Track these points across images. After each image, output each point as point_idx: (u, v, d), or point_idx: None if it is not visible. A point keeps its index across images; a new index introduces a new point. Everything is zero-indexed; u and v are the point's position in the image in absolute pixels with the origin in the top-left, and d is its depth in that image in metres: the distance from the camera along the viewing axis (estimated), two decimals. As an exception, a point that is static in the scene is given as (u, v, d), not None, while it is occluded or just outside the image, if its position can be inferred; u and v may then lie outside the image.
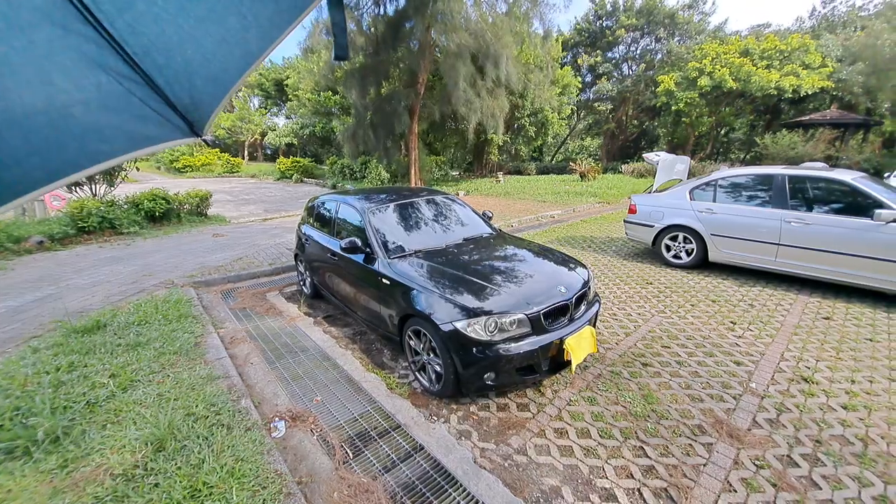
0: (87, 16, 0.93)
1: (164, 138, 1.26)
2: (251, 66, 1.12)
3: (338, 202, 4.65)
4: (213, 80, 1.17)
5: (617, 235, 8.59)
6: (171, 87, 1.14)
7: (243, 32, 1.05)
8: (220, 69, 1.14)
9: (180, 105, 1.19)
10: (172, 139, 1.27)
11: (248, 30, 1.05)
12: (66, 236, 8.08)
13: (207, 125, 1.29)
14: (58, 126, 1.04)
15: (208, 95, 1.21)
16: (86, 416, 2.72)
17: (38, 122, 1.01)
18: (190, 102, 1.20)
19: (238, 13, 1.01)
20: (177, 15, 1.00)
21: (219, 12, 1.01)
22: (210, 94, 1.21)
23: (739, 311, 4.63)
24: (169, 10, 0.99)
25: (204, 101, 1.22)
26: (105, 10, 0.94)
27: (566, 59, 28.79)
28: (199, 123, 1.27)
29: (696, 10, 27.01)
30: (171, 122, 1.22)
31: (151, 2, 0.96)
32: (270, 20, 1.02)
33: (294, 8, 0.99)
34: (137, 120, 1.17)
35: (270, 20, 1.02)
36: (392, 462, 2.49)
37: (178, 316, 4.34)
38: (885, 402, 2.98)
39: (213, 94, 1.21)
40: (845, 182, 4.89)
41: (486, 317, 2.79)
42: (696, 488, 2.27)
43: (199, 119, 1.26)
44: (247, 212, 12.72)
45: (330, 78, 18.09)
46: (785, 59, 19.79)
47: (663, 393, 3.13)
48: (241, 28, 1.04)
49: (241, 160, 33.28)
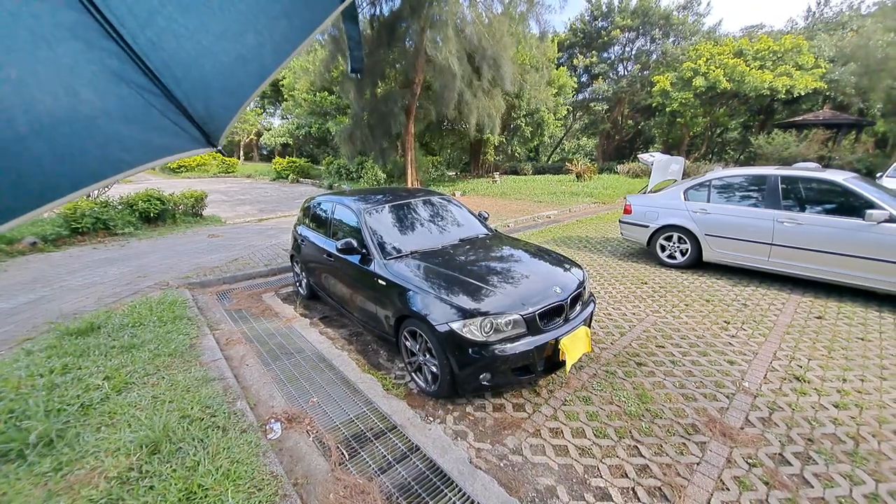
0: (111, 31, 0.98)
1: (181, 148, 1.31)
2: (266, 79, 1.18)
3: (334, 203, 4.65)
4: (228, 93, 1.23)
5: (612, 235, 8.63)
6: (188, 99, 1.19)
7: (259, 48, 1.12)
8: (236, 83, 1.20)
9: (197, 116, 1.24)
10: (189, 149, 1.32)
11: (264, 46, 1.11)
12: (59, 237, 8.02)
13: (223, 136, 1.34)
14: (82, 135, 1.08)
15: (223, 108, 1.27)
16: (80, 418, 2.71)
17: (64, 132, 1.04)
18: (206, 114, 1.25)
19: (254, 30, 1.08)
20: (196, 31, 1.06)
21: (236, 30, 1.08)
22: (225, 106, 1.26)
23: (733, 310, 4.67)
24: (188, 27, 1.05)
25: (219, 113, 1.27)
26: (128, 27, 0.99)
27: (562, 60, 28.88)
28: (215, 134, 1.32)
29: (690, 11, 27.19)
30: (188, 132, 1.26)
31: (172, 19, 1.02)
32: (284, 36, 1.09)
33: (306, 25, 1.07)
34: (156, 130, 1.22)
35: (284, 36, 1.09)
36: (388, 463, 2.50)
37: (172, 317, 4.32)
38: (876, 401, 3.02)
39: (228, 106, 1.26)
40: (837, 182, 4.94)
41: (481, 317, 2.80)
42: (689, 487, 2.29)
43: (215, 130, 1.31)
44: (242, 212, 12.68)
45: (326, 78, 18.04)
46: (778, 59, 19.94)
47: (658, 392, 3.15)
48: (257, 44, 1.11)
49: (236, 160, 33.15)
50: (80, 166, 1.12)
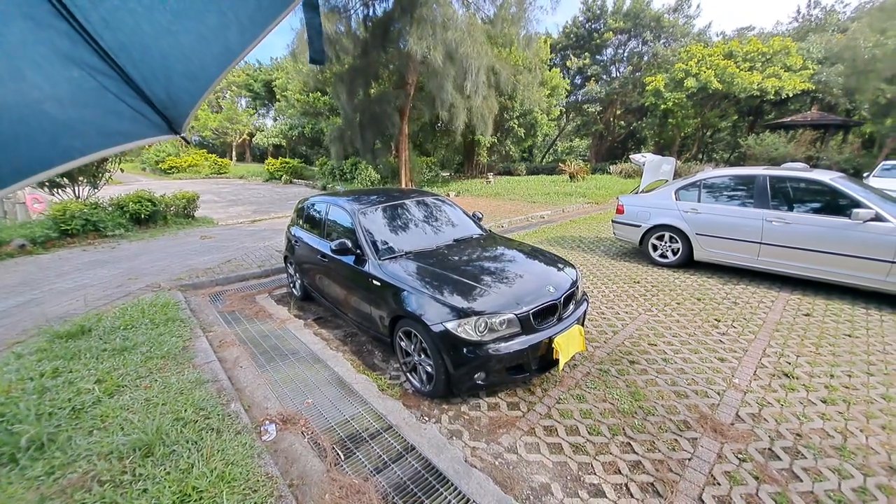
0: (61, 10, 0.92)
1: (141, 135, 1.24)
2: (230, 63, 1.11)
3: (328, 204, 4.64)
4: (191, 77, 1.17)
5: (605, 235, 8.70)
6: (147, 83, 1.12)
7: (223, 30, 1.04)
8: (199, 66, 1.13)
9: (157, 101, 1.17)
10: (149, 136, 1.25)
11: (228, 27, 1.04)
12: (48, 239, 7.92)
13: (186, 123, 1.27)
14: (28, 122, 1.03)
15: (186, 93, 1.20)
16: (72, 422, 2.68)
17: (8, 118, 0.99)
18: (167, 98, 1.19)
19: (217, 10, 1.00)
20: (152, 9, 0.99)
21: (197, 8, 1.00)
22: (188, 91, 1.20)
23: (723, 308, 4.73)
24: (143, 4, 0.97)
25: (182, 99, 1.21)
26: (79, 4, 0.93)
27: (555, 61, 29.05)
28: (178, 121, 1.25)
29: (681, 14, 27.50)
30: (148, 118, 1.20)
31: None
32: (251, 18, 1.01)
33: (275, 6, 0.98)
34: (112, 116, 1.15)
35: (251, 18, 1.01)
36: (384, 463, 2.50)
37: (165, 319, 4.29)
38: (863, 396, 3.08)
39: (191, 91, 1.20)
40: (824, 182, 5.03)
41: (476, 317, 2.81)
42: (681, 482, 2.32)
43: (178, 116, 1.24)
44: (235, 213, 12.59)
45: (319, 79, 18.01)
46: (767, 61, 20.24)
47: (650, 390, 3.19)
48: (221, 25, 1.03)
49: (228, 161, 32.90)
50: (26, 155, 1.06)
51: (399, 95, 15.72)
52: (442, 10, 13.00)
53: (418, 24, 12.83)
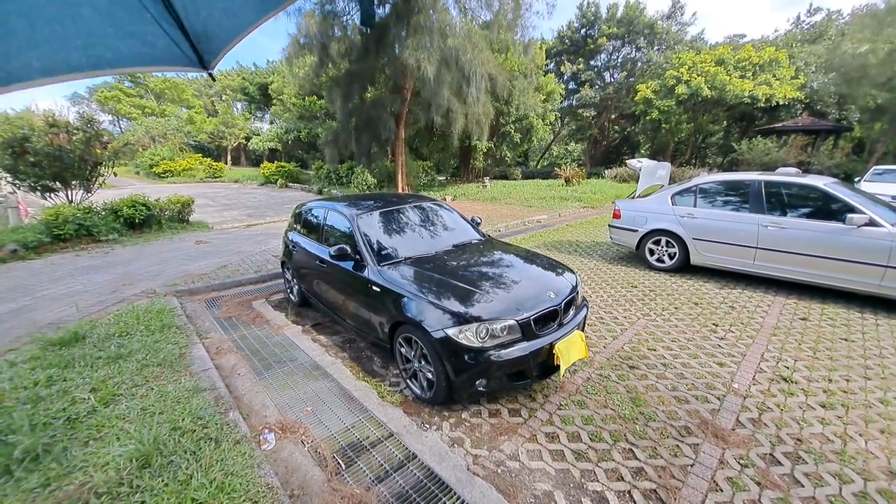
0: None
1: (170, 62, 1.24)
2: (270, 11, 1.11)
3: (326, 209, 4.62)
4: (230, 14, 1.17)
5: (602, 240, 8.73)
6: (186, 11, 1.12)
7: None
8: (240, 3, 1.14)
9: (193, 32, 1.17)
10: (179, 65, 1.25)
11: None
12: (41, 244, 7.82)
13: (216, 61, 1.27)
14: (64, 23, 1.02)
15: (222, 29, 1.20)
16: (67, 432, 2.63)
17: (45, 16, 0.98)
18: (203, 31, 1.18)
19: None
20: None
21: None
22: (224, 27, 1.20)
23: (721, 313, 4.76)
24: None
25: (217, 34, 1.21)
26: None
27: (550, 67, 29.31)
28: (208, 58, 1.25)
29: (674, 21, 27.86)
30: (181, 47, 1.20)
31: None
32: None
33: None
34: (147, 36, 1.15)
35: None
36: (385, 472, 2.48)
37: (160, 326, 4.24)
38: (861, 400, 3.10)
39: (227, 28, 1.20)
40: (818, 188, 5.09)
41: (477, 323, 2.80)
42: (684, 489, 2.32)
43: (209, 52, 1.24)
44: (230, 217, 12.51)
45: (315, 82, 17.99)
46: (758, 70, 20.53)
47: (651, 395, 3.19)
48: None
49: (223, 165, 32.78)
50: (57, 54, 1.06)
51: (395, 100, 15.75)
52: (439, 17, 13.06)
53: (415, 31, 12.87)
